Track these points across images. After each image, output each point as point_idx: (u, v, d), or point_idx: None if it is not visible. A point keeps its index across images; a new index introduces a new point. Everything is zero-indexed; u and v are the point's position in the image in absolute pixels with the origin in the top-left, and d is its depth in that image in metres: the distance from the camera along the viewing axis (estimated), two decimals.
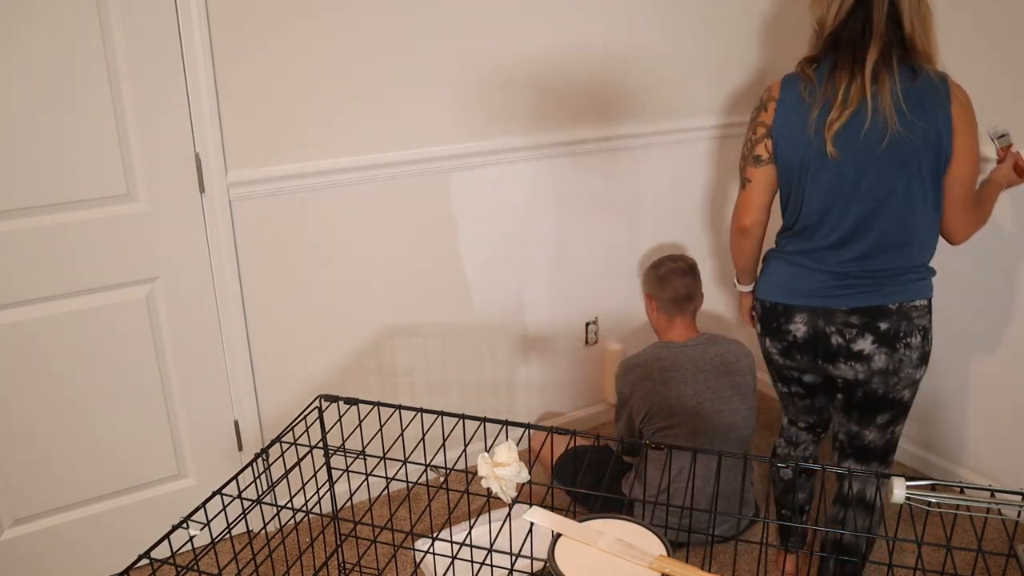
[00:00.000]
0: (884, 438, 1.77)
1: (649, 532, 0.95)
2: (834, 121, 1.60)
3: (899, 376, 1.68)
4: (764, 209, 1.78)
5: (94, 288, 1.96)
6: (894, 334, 1.65)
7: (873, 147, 1.59)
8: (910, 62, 1.58)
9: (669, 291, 2.20)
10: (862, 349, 1.67)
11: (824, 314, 1.70)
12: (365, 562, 2.16)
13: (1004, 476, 2.39)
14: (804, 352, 1.75)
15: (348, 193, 2.20)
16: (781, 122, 1.68)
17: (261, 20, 1.97)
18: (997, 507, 0.95)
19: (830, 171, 1.64)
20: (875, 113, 1.57)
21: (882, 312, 1.65)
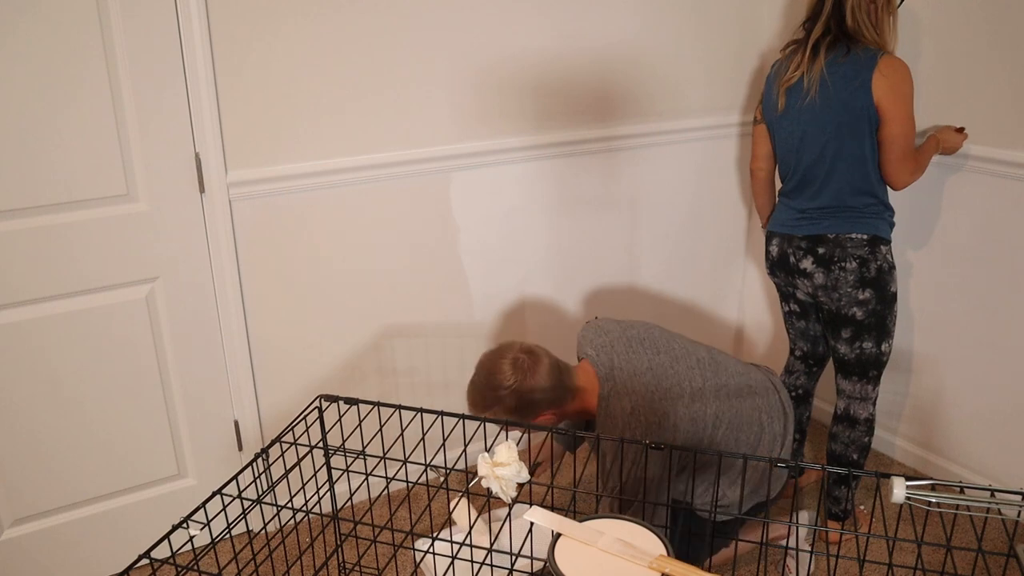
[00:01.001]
0: (853, 352, 2.13)
1: (649, 532, 0.95)
2: (784, 83, 2.08)
3: (839, 292, 2.07)
4: (765, 157, 2.27)
5: (94, 288, 1.96)
6: (828, 257, 2.06)
7: (804, 108, 2.04)
8: (848, 44, 1.97)
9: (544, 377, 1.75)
10: (805, 267, 2.12)
11: (787, 239, 2.16)
12: (365, 562, 2.16)
13: (1004, 476, 2.38)
14: (779, 269, 2.21)
15: (348, 193, 2.20)
16: (765, 90, 2.19)
17: (261, 20, 1.97)
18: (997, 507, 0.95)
19: (783, 127, 2.12)
20: (808, 81, 2.02)
21: (821, 240, 2.08)
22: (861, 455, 2.20)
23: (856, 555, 2.20)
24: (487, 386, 1.73)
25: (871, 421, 2.17)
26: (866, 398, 2.16)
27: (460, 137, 2.32)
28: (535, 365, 1.72)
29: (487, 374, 1.74)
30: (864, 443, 2.18)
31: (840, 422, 2.20)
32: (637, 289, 2.83)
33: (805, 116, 2.04)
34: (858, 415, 2.17)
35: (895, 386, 2.59)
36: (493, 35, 2.27)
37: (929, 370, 2.49)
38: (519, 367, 1.71)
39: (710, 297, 3.03)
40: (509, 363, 1.72)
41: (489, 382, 1.73)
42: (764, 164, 2.27)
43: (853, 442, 2.18)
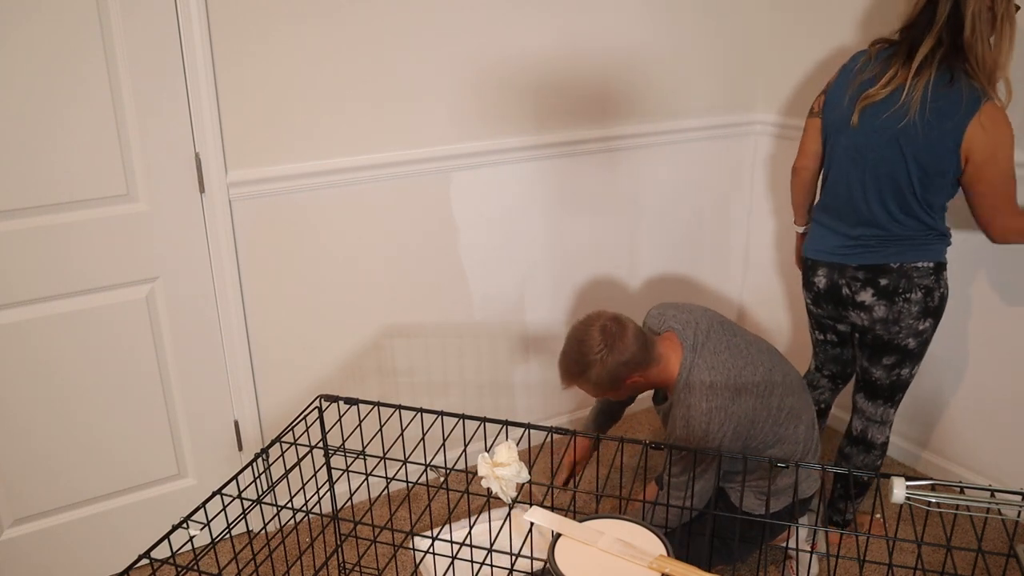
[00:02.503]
0: (889, 379, 2.01)
1: (649, 532, 0.95)
2: (870, 96, 1.82)
3: (900, 325, 1.92)
4: (813, 156, 2.04)
5: (94, 288, 1.96)
6: (892, 289, 1.90)
7: (887, 129, 1.81)
8: (952, 67, 1.73)
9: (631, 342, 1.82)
10: (863, 300, 1.94)
11: (838, 269, 1.97)
12: (365, 562, 2.16)
13: (1004, 476, 2.39)
14: (827, 301, 2.03)
15: (348, 193, 2.20)
16: (835, 85, 1.95)
17: (261, 20, 1.97)
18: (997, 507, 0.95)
19: (848, 138, 1.89)
20: (904, 101, 1.77)
21: (883, 270, 1.90)
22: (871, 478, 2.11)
23: (856, 555, 2.20)
24: (579, 353, 1.82)
25: (886, 445, 2.10)
26: (885, 422, 2.08)
27: (460, 137, 2.32)
28: (623, 331, 1.81)
29: (578, 343, 1.83)
30: (877, 467, 2.12)
31: (855, 444, 2.11)
32: (637, 289, 2.83)
33: (883, 137, 1.82)
34: (875, 439, 2.08)
35: None
36: (493, 35, 2.27)
37: (929, 370, 2.49)
38: (608, 333, 1.80)
39: (710, 297, 3.03)
40: (598, 330, 1.82)
41: (580, 349, 1.82)
42: (811, 163, 2.06)
43: (867, 466, 2.10)
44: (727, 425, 1.78)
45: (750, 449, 1.86)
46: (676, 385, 1.86)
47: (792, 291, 2.89)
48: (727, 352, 1.85)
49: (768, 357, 1.91)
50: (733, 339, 1.90)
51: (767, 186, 2.89)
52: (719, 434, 1.78)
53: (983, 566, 2.10)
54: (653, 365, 1.85)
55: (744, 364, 1.85)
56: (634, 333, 1.82)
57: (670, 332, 1.91)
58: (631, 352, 1.80)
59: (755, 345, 1.92)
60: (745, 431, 1.82)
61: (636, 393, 1.92)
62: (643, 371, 1.84)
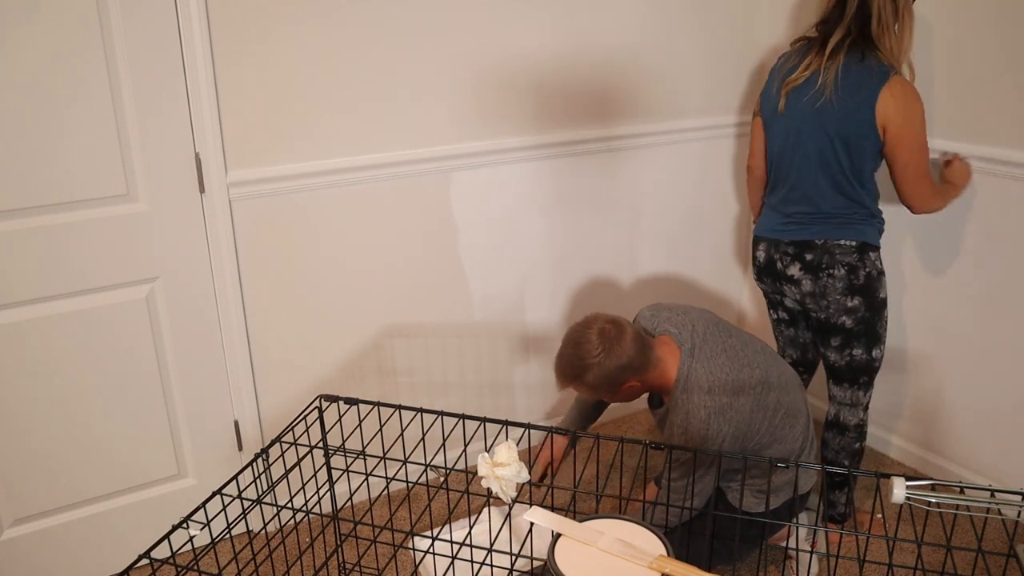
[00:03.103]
0: (843, 360, 2.09)
1: (649, 532, 0.95)
2: (791, 81, 2.01)
3: (827, 299, 2.03)
4: (761, 153, 2.19)
5: (94, 288, 1.96)
6: (816, 264, 2.02)
7: (807, 109, 1.98)
8: (863, 50, 1.91)
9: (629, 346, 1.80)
10: (792, 274, 2.07)
11: (774, 244, 2.12)
12: (365, 562, 2.16)
13: (1004, 476, 2.38)
14: (766, 275, 2.16)
15: (348, 193, 2.20)
16: (767, 84, 2.14)
17: (261, 20, 1.97)
18: (997, 507, 0.95)
19: (780, 123, 2.06)
20: (820, 83, 1.94)
21: (808, 245, 2.03)
22: (853, 461, 2.17)
23: (856, 555, 2.20)
24: (576, 356, 1.80)
25: (861, 427, 2.15)
26: (856, 404, 2.13)
27: (460, 137, 2.32)
28: (620, 334, 1.79)
29: (575, 345, 1.81)
30: (855, 449, 2.17)
31: (830, 429, 2.18)
32: (637, 289, 2.83)
33: (806, 117, 1.98)
34: (848, 422, 2.15)
35: (895, 386, 2.59)
36: (493, 35, 2.27)
37: (929, 370, 2.49)
38: (605, 336, 1.78)
39: (710, 297, 3.03)
40: (596, 333, 1.80)
41: (578, 352, 1.80)
42: (761, 162, 2.20)
43: (843, 448, 2.16)
44: (726, 428, 1.78)
45: (748, 450, 1.85)
46: (674, 390, 1.85)
47: None
48: (723, 355, 1.85)
49: (763, 357, 1.91)
50: (728, 340, 1.89)
51: None
52: (718, 438, 1.77)
53: (983, 566, 2.10)
54: (651, 369, 1.83)
55: (741, 366, 1.84)
56: (632, 337, 1.80)
57: (666, 336, 1.90)
58: (629, 356, 1.78)
59: (750, 345, 1.92)
60: (743, 433, 1.82)
61: (632, 397, 1.91)
62: (641, 375, 1.82)
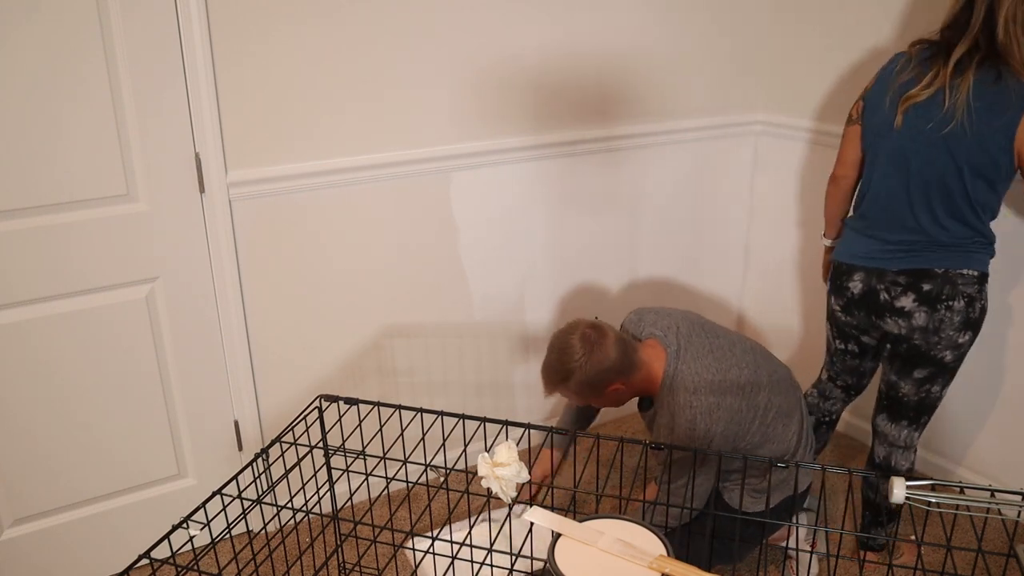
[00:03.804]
0: (918, 395, 1.91)
1: (649, 532, 0.95)
2: (912, 97, 1.77)
3: (939, 336, 1.83)
4: (853, 164, 1.97)
5: (94, 288, 1.95)
6: (936, 295, 1.81)
7: (934, 131, 1.75)
8: (997, 66, 1.69)
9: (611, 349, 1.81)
10: (904, 306, 1.84)
11: (877, 274, 1.88)
12: (365, 562, 2.16)
13: (1004, 476, 2.39)
14: (860, 307, 1.93)
15: (348, 193, 2.20)
16: (874, 89, 1.88)
17: (261, 20, 1.97)
18: (997, 507, 0.95)
19: (892, 141, 1.82)
20: (949, 105, 1.72)
21: (927, 275, 1.82)
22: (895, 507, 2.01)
23: (856, 555, 2.20)
24: (559, 362, 1.83)
25: (912, 471, 2.00)
26: (910, 447, 1.98)
27: (460, 137, 2.32)
28: (602, 339, 1.81)
29: (558, 351, 1.84)
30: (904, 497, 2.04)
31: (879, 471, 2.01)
32: (637, 289, 2.83)
33: (930, 141, 1.76)
34: (900, 466, 1.99)
35: None
36: (493, 35, 2.27)
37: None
38: (587, 341, 1.80)
39: (710, 297, 3.03)
40: (578, 338, 1.81)
41: (561, 358, 1.83)
42: (851, 172, 1.98)
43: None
44: (714, 428, 1.78)
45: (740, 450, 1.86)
46: (660, 391, 1.86)
47: (792, 291, 2.89)
48: (710, 355, 1.85)
49: (752, 357, 1.90)
50: (716, 340, 1.89)
51: (768, 186, 2.89)
52: (706, 438, 1.78)
53: (983, 566, 2.10)
54: (635, 372, 1.85)
55: (728, 366, 1.85)
56: (614, 340, 1.82)
57: (652, 339, 1.91)
58: (612, 359, 1.80)
59: (738, 345, 1.91)
60: (733, 433, 1.82)
61: (620, 402, 1.91)
62: (625, 378, 1.84)
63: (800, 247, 2.82)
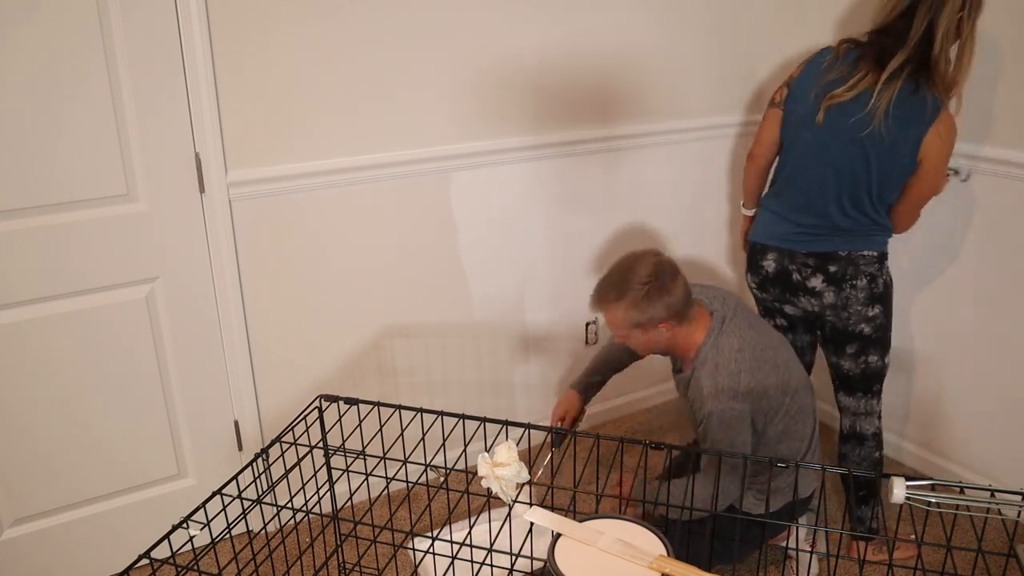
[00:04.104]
0: (859, 367, 2.05)
1: (649, 532, 0.95)
2: (836, 96, 1.86)
3: (848, 311, 1.99)
4: (771, 144, 2.08)
5: (94, 288, 1.95)
6: (840, 276, 1.97)
7: (853, 130, 1.86)
8: (918, 78, 1.80)
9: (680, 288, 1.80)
10: (814, 286, 2.00)
11: (788, 255, 2.03)
12: (365, 562, 2.16)
13: (1004, 476, 2.39)
14: (774, 285, 2.09)
15: (348, 193, 2.20)
16: (799, 79, 1.98)
17: (261, 20, 1.96)
18: (997, 507, 0.95)
19: (812, 132, 1.93)
20: (870, 109, 1.82)
21: (832, 257, 1.97)
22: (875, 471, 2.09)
23: (856, 555, 2.20)
24: (624, 278, 1.78)
25: (878, 435, 2.11)
26: (871, 412, 2.09)
27: (460, 137, 2.32)
28: (675, 274, 1.79)
29: (626, 269, 1.80)
30: (875, 458, 2.12)
31: (847, 441, 2.13)
32: None
33: (847, 139, 1.88)
34: (865, 431, 2.10)
35: (896, 387, 2.59)
36: (493, 35, 2.27)
37: (930, 371, 2.49)
38: (660, 270, 1.77)
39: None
40: (652, 262, 1.79)
41: (626, 275, 1.78)
42: (767, 151, 2.11)
43: (864, 459, 2.12)
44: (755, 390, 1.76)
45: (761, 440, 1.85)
46: (702, 349, 1.84)
47: None
48: (751, 330, 1.86)
49: (786, 350, 1.93)
50: (756, 320, 1.93)
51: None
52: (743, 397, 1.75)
53: (983, 566, 2.10)
54: (685, 323, 1.83)
55: (766, 344, 1.86)
56: (684, 283, 1.81)
57: (700, 305, 1.90)
58: (675, 297, 1.77)
59: (777, 336, 1.95)
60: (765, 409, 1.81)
61: (655, 348, 1.88)
62: (675, 324, 1.81)
63: None
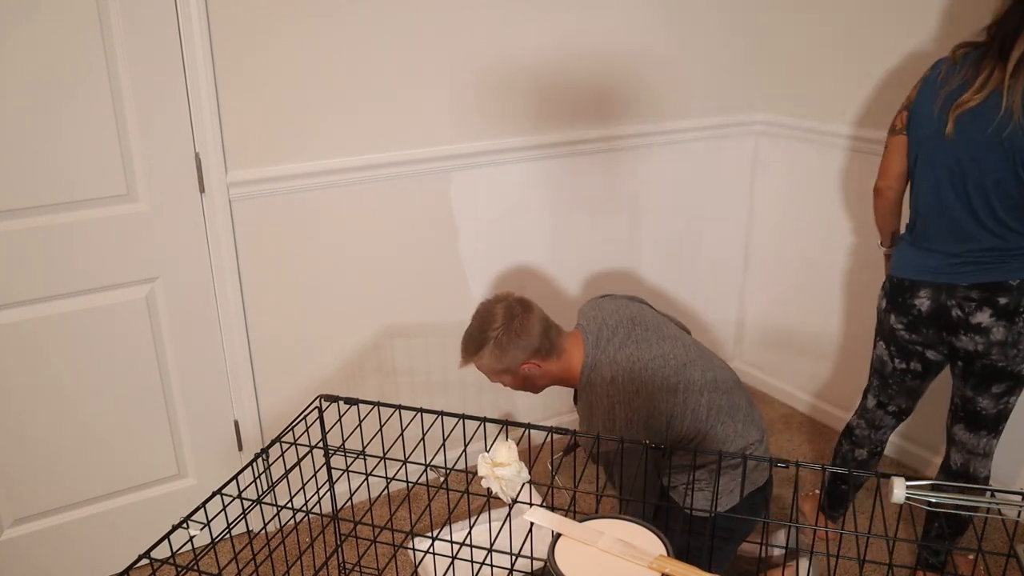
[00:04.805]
0: (997, 408, 1.86)
1: (649, 532, 0.95)
2: (964, 103, 1.68)
3: (1018, 348, 1.77)
4: (898, 177, 1.90)
5: (94, 288, 1.96)
6: (1013, 308, 1.74)
7: (993, 135, 1.66)
8: None
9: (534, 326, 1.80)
10: (980, 322, 1.77)
11: (946, 289, 1.81)
12: (365, 562, 2.16)
13: (1004, 476, 2.38)
14: (929, 325, 1.86)
15: (348, 193, 2.20)
16: (919, 98, 1.80)
17: (261, 20, 1.97)
18: (997, 507, 0.95)
19: (944, 150, 1.74)
20: (1006, 107, 1.63)
21: (1001, 288, 1.75)
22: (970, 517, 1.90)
23: (856, 555, 2.20)
24: (479, 330, 1.82)
25: (988, 479, 1.94)
26: (989, 454, 1.91)
27: (460, 137, 2.32)
28: (526, 313, 1.81)
29: (480, 319, 1.83)
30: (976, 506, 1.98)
31: (956, 479, 1.93)
32: (637, 289, 2.82)
33: (989, 146, 1.68)
34: (979, 473, 1.91)
35: None
36: (493, 35, 2.27)
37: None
38: (511, 312, 1.80)
39: (710, 297, 3.03)
40: (503, 308, 1.81)
41: (481, 325, 1.82)
42: (896, 183, 1.91)
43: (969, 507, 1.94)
44: (635, 418, 1.74)
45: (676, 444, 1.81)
46: (580, 382, 1.85)
47: (792, 291, 2.89)
48: (633, 346, 1.82)
49: (684, 352, 1.85)
50: (645, 334, 1.85)
51: (768, 186, 2.89)
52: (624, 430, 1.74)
53: (983, 566, 2.10)
54: (553, 357, 1.83)
55: (652, 356, 1.80)
56: (539, 319, 1.82)
57: (577, 330, 1.90)
58: (530, 337, 1.79)
59: (670, 340, 1.86)
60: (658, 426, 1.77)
61: (534, 386, 1.89)
62: (540, 360, 1.82)
63: (800, 247, 2.81)
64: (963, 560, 2.13)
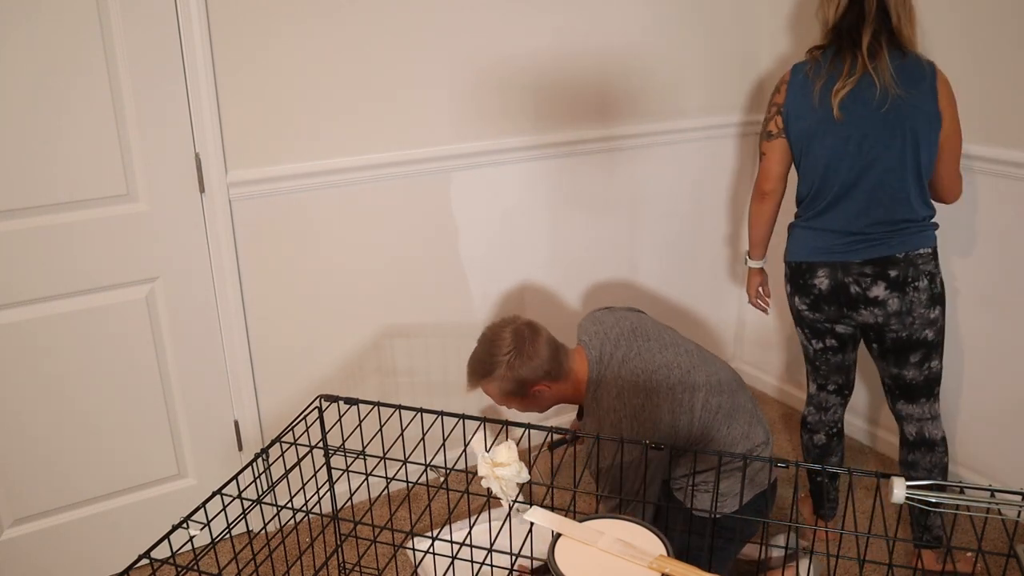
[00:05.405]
0: (923, 375, 1.97)
1: (649, 532, 0.95)
2: (840, 89, 1.84)
3: (912, 316, 1.90)
4: (780, 178, 2.01)
5: (94, 288, 1.96)
6: (903, 280, 1.88)
7: (875, 111, 1.83)
8: (898, 46, 1.84)
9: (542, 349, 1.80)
10: (877, 295, 1.90)
11: (842, 267, 1.92)
12: (365, 562, 2.16)
13: (1003, 475, 2.38)
14: (829, 302, 1.97)
15: (348, 193, 2.20)
16: (790, 100, 1.93)
17: (261, 20, 1.97)
18: (997, 507, 0.95)
19: (835, 134, 1.87)
20: (880, 83, 1.81)
21: (890, 261, 1.88)
22: (944, 477, 2.05)
23: (856, 555, 2.20)
24: (488, 353, 1.80)
25: (945, 439, 2.03)
26: (936, 416, 2.02)
27: (460, 137, 2.32)
28: (535, 336, 1.79)
29: (488, 343, 1.81)
30: (945, 464, 2.04)
31: (916, 448, 2.04)
32: (636, 288, 2.82)
33: (875, 121, 1.83)
34: (934, 436, 2.02)
35: None
36: (493, 35, 2.27)
37: None
38: (519, 336, 1.78)
39: (709, 297, 3.03)
40: (510, 332, 1.80)
41: (490, 350, 1.80)
42: (780, 186, 2.02)
43: (935, 465, 2.03)
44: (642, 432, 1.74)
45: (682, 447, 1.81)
46: (586, 401, 1.84)
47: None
48: (637, 359, 1.81)
49: (687, 359, 1.84)
50: (646, 344, 1.85)
51: None
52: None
53: (983, 566, 2.10)
54: (562, 378, 1.82)
55: (656, 367, 1.80)
56: (546, 341, 1.80)
57: (579, 346, 1.89)
58: (540, 359, 1.78)
59: (672, 348, 1.86)
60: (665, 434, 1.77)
61: (542, 406, 1.89)
62: (550, 382, 1.81)
63: None
64: (963, 559, 2.15)
